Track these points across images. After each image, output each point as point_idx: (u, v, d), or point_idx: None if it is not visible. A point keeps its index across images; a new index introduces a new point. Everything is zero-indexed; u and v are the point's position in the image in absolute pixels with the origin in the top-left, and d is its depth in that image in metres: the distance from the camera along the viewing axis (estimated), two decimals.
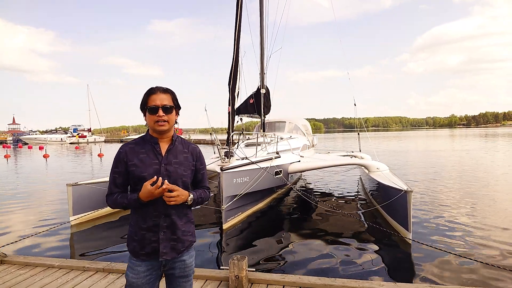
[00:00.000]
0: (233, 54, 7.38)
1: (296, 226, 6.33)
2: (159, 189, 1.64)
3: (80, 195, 6.54)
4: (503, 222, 6.11)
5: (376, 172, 7.76)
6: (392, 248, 5.01)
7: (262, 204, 7.68)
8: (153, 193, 1.65)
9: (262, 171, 6.53)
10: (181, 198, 1.71)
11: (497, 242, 5.09)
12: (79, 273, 3.69)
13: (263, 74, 10.89)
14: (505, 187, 9.67)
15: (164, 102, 1.74)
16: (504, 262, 4.33)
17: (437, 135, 62.16)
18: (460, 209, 7.17)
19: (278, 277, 3.39)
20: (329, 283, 3.24)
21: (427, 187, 9.80)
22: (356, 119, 12.57)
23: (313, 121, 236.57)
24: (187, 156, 1.84)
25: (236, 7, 7.33)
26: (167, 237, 1.75)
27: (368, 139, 13.09)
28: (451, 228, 5.85)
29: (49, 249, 5.20)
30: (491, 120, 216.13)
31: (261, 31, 10.90)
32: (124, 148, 1.80)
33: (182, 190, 1.72)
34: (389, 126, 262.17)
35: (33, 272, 3.71)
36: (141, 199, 1.68)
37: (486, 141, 34.39)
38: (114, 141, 59.92)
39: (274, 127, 11.74)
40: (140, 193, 1.68)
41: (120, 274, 3.63)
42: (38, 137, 54.78)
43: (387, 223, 6.07)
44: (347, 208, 7.57)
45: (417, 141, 40.54)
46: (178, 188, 1.71)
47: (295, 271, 4.19)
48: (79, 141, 54.36)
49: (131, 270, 1.76)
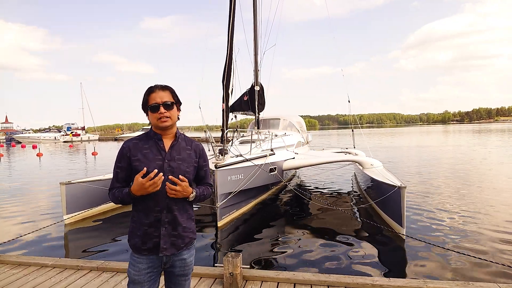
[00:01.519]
0: (227, 51, 7.35)
1: (291, 222, 6.35)
2: (151, 183, 1.62)
3: (74, 194, 6.49)
4: (496, 217, 6.19)
5: (370, 169, 7.80)
6: (386, 243, 5.05)
7: (257, 201, 7.69)
8: (144, 185, 1.63)
9: (257, 168, 6.54)
10: (182, 194, 1.72)
11: (490, 237, 5.15)
12: (73, 272, 3.67)
13: (257, 71, 10.86)
14: (498, 183, 9.78)
15: (165, 99, 1.75)
16: (497, 257, 4.39)
17: (431, 131, 62.63)
18: (453, 204, 7.24)
19: (273, 274, 3.40)
20: (323, 279, 3.26)
21: (421, 182, 9.88)
22: (351, 116, 12.60)
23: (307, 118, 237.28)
24: (190, 153, 1.85)
25: (230, 4, 7.30)
26: (168, 233, 1.76)
27: (363, 136, 13.14)
28: (444, 223, 5.91)
29: (42, 248, 5.17)
30: (484, 116, 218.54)
31: (254, 28, 10.86)
32: (128, 143, 1.80)
33: (186, 185, 1.73)
34: (383, 122, 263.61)
35: (26, 272, 3.68)
36: (132, 192, 1.68)
37: (480, 137, 34.73)
38: (108, 139, 59.55)
39: (268, 124, 11.74)
40: (131, 187, 1.68)
41: (114, 272, 3.62)
42: (31, 135, 54.21)
43: (381, 219, 6.11)
44: (341, 204, 7.61)
45: (411, 137, 40.82)
46: (184, 180, 1.71)
47: (290, 267, 4.21)
48: (72, 139, 53.87)
49: (133, 267, 1.77)
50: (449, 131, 56.80)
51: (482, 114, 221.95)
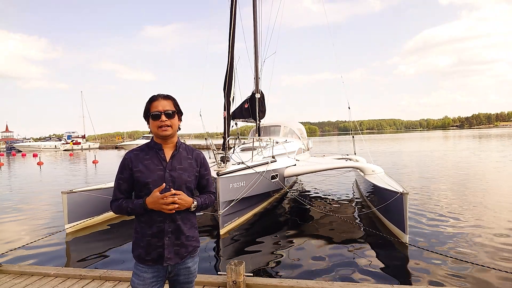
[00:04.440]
0: (228, 59, 7.40)
1: (293, 230, 6.33)
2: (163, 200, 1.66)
3: (75, 203, 6.49)
4: (499, 224, 6.15)
5: (371, 175, 7.80)
6: (389, 250, 5.03)
7: (259, 208, 7.68)
8: (159, 201, 1.66)
9: (259, 175, 6.54)
10: (183, 205, 1.73)
11: (493, 244, 5.11)
12: (76, 281, 3.66)
13: (258, 78, 10.93)
14: (501, 189, 9.76)
15: (166, 108, 1.78)
16: (500, 265, 4.36)
17: (432, 136, 62.64)
18: (456, 210, 7.22)
19: (276, 282, 3.39)
20: (326, 286, 3.25)
21: (423, 189, 9.85)
22: (351, 122, 12.63)
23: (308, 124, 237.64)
24: (191, 162, 1.87)
25: (230, 12, 7.38)
26: (171, 242, 1.77)
27: (363, 142, 13.18)
28: (447, 230, 5.89)
29: (44, 257, 5.14)
30: (484, 121, 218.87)
31: (254, 36, 10.96)
32: (129, 154, 1.82)
33: (185, 196, 1.74)
34: (383, 128, 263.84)
35: (28, 281, 3.68)
36: (147, 204, 1.70)
37: (480, 142, 34.72)
38: (109, 147, 59.56)
39: (269, 131, 11.77)
40: (147, 198, 1.70)
41: (116, 281, 3.61)
42: (31, 144, 54.25)
43: (384, 225, 6.10)
44: (343, 211, 7.59)
45: (412, 143, 40.81)
46: (182, 193, 1.73)
47: (293, 275, 4.19)
48: (73, 148, 53.94)
49: (137, 277, 1.77)
50: (449, 137, 56.79)
51: (481, 119, 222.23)
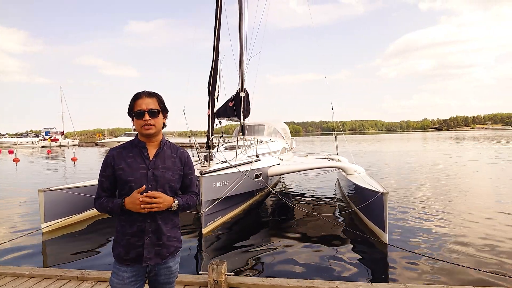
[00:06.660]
0: (213, 57, 7.35)
1: (275, 229, 6.36)
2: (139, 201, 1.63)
3: (53, 201, 6.29)
4: (476, 224, 6.34)
5: (353, 175, 7.92)
6: (369, 249, 5.12)
7: (242, 207, 7.66)
8: (136, 202, 1.63)
9: (242, 174, 6.53)
10: (164, 205, 1.69)
11: (470, 244, 5.26)
12: (52, 282, 3.55)
13: (242, 77, 10.92)
14: (478, 189, 10.10)
15: (150, 106, 1.74)
16: (477, 263, 4.47)
17: (411, 138, 64.24)
18: (434, 210, 7.41)
19: (258, 281, 3.40)
20: (307, 285, 3.28)
21: (403, 188, 10.08)
22: (334, 123, 12.79)
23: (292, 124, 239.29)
24: (175, 160, 1.83)
25: (216, 9, 7.33)
26: (152, 242, 1.73)
27: (345, 142, 13.37)
28: (425, 229, 6.04)
29: (19, 257, 4.97)
30: (461, 123, 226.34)
31: (240, 35, 10.94)
32: (112, 152, 1.79)
33: (165, 197, 1.70)
34: (365, 129, 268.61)
35: (1, 282, 3.54)
36: (125, 205, 1.66)
37: (457, 144, 35.85)
38: (89, 144, 58.19)
39: (253, 130, 11.77)
40: (126, 198, 1.67)
41: (94, 282, 3.53)
42: (7, 140, 52.44)
43: (364, 225, 6.20)
44: (325, 210, 7.68)
45: (392, 143, 41.71)
46: (160, 194, 1.68)
47: (275, 274, 4.20)
48: (51, 144, 52.41)
49: (116, 276, 1.74)
50: (428, 138, 58.36)
51: (459, 122, 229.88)
